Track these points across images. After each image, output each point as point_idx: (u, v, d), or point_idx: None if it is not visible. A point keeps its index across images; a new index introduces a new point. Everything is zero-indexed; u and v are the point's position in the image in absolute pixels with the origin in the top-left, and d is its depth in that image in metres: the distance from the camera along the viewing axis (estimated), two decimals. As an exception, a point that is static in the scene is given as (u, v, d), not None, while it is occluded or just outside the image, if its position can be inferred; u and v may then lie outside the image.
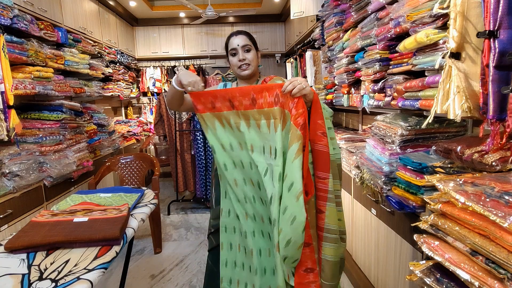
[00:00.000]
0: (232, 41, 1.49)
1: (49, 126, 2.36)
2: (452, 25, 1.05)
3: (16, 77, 2.09)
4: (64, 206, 1.59)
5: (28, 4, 2.37)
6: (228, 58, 1.54)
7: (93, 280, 1.03)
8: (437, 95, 1.10)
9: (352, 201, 2.07)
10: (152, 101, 5.45)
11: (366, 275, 1.92)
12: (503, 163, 0.96)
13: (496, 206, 0.76)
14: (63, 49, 2.77)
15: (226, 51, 1.54)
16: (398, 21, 1.49)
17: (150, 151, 5.12)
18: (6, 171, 1.96)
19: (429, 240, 0.97)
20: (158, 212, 2.69)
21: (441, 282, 0.90)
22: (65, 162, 2.41)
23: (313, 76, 3.18)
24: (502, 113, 0.94)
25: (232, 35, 1.52)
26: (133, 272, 2.38)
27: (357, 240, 2.05)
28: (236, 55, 1.48)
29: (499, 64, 0.91)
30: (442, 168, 1.17)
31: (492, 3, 0.90)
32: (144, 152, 4.29)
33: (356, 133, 2.38)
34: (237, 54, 1.48)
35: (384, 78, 1.75)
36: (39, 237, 1.21)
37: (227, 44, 1.53)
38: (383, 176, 1.48)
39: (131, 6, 4.51)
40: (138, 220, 1.48)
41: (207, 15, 4.13)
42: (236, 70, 1.51)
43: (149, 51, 5.29)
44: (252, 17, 5.19)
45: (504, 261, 0.72)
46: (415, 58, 1.38)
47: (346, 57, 2.18)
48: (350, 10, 2.10)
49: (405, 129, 1.44)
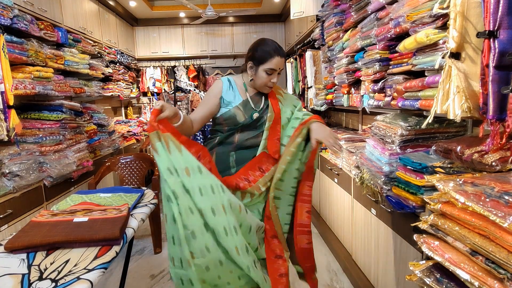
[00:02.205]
0: (275, 61, 1.41)
1: (49, 126, 2.36)
2: (452, 25, 1.05)
3: (16, 77, 2.09)
4: (64, 206, 1.59)
5: (28, 4, 2.37)
6: (257, 68, 1.45)
7: (93, 280, 1.03)
8: (437, 95, 1.10)
9: (352, 201, 2.07)
10: (152, 101, 5.45)
11: (366, 275, 1.92)
12: (503, 163, 0.96)
13: (496, 206, 0.76)
14: (63, 49, 2.77)
15: (257, 60, 1.43)
16: (398, 21, 1.49)
17: (150, 151, 5.12)
18: (6, 171, 1.96)
19: (429, 240, 0.97)
20: (158, 212, 2.68)
21: (441, 282, 0.90)
22: (65, 162, 2.41)
23: (313, 76, 3.18)
24: (502, 113, 0.94)
25: (276, 53, 1.41)
26: (133, 272, 2.38)
27: (357, 240, 2.05)
28: (271, 75, 1.44)
29: (499, 64, 0.91)
30: (442, 168, 1.17)
31: (492, 3, 0.90)
32: (144, 152, 4.29)
33: (356, 133, 2.38)
34: (272, 75, 1.44)
35: (384, 78, 1.75)
36: (39, 237, 1.21)
37: (265, 58, 1.42)
38: (383, 176, 1.48)
39: (131, 6, 4.51)
40: (138, 220, 1.48)
41: (207, 15, 4.14)
42: (262, 86, 1.48)
43: (149, 51, 5.30)
44: (252, 17, 5.19)
45: (504, 261, 0.72)
46: (415, 58, 1.38)
47: (346, 57, 2.19)
48: (350, 10, 2.10)
49: (405, 129, 1.44)
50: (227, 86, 1.51)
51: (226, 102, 1.49)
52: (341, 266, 2.30)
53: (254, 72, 1.47)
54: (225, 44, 5.34)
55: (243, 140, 1.49)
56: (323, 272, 2.27)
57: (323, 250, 2.59)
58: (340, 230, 2.41)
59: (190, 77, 5.27)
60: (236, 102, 1.49)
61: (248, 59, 1.49)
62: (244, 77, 1.55)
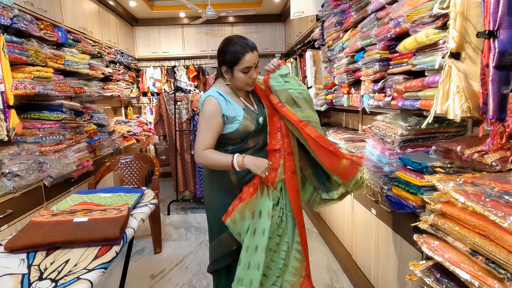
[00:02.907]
0: (247, 59, 1.37)
1: (49, 126, 2.36)
2: (452, 25, 1.05)
3: (16, 77, 2.09)
4: (64, 206, 1.59)
5: (28, 4, 2.37)
6: (232, 70, 1.41)
7: (93, 280, 1.03)
8: (437, 95, 1.10)
9: (352, 201, 2.07)
10: (152, 101, 5.45)
11: (366, 275, 1.92)
12: (503, 163, 0.96)
13: (496, 206, 0.76)
14: (63, 49, 2.77)
15: (230, 63, 1.40)
16: (398, 21, 1.49)
17: (150, 151, 5.12)
18: (6, 171, 1.96)
19: (429, 240, 0.97)
20: (158, 212, 2.69)
21: (441, 282, 0.90)
22: (65, 162, 2.41)
23: (313, 76, 3.18)
24: (502, 113, 0.94)
25: (246, 50, 1.37)
26: (133, 272, 2.38)
27: (357, 240, 2.05)
28: (248, 73, 1.41)
29: (499, 64, 0.91)
30: (442, 168, 1.17)
31: (492, 3, 0.90)
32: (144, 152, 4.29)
33: (356, 133, 2.38)
34: (249, 72, 1.41)
35: (384, 78, 1.75)
36: (39, 237, 1.21)
37: (237, 58, 1.38)
38: (383, 176, 1.48)
39: (131, 6, 4.51)
40: (138, 220, 1.48)
41: (207, 15, 4.13)
42: (243, 85, 1.45)
43: (149, 51, 5.30)
44: (252, 17, 5.19)
45: (504, 261, 0.72)
46: (415, 58, 1.38)
47: (346, 57, 2.18)
48: (350, 10, 2.10)
49: (405, 129, 1.44)
50: (223, 101, 1.45)
51: (231, 118, 1.45)
52: (341, 266, 2.30)
53: (231, 75, 1.43)
54: (225, 44, 5.33)
55: (257, 143, 1.53)
56: (323, 272, 2.27)
57: (323, 250, 2.59)
58: (340, 230, 2.41)
59: (190, 77, 5.27)
60: (239, 113, 1.46)
61: (221, 63, 1.44)
62: (224, 81, 1.51)
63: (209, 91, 1.48)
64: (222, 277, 1.67)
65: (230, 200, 1.49)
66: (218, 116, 1.43)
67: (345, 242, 2.31)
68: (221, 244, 1.58)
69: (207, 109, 1.43)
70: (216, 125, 1.43)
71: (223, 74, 1.47)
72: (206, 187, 1.63)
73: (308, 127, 1.47)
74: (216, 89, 1.48)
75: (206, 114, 1.43)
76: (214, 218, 1.59)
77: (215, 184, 1.58)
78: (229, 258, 1.59)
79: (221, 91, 1.47)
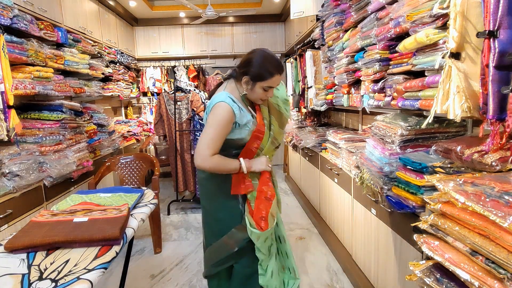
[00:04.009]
0: (274, 80, 1.42)
1: (49, 126, 2.36)
2: (452, 25, 1.05)
3: (16, 77, 2.09)
4: (64, 206, 1.59)
5: (28, 4, 2.37)
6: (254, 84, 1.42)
7: (93, 280, 1.03)
8: (437, 95, 1.10)
9: (352, 201, 2.07)
10: (152, 101, 5.45)
11: (366, 275, 1.92)
12: (503, 163, 0.96)
13: (496, 206, 0.76)
14: (63, 49, 2.77)
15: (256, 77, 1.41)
16: (398, 21, 1.49)
17: (150, 151, 5.12)
18: (6, 171, 1.96)
19: (429, 240, 0.97)
20: (158, 212, 2.69)
21: (441, 282, 0.90)
22: (65, 162, 2.41)
23: (313, 76, 3.18)
24: (502, 113, 0.94)
25: (277, 71, 1.42)
26: (133, 272, 2.38)
27: (357, 240, 2.05)
28: (268, 91, 1.45)
29: (499, 64, 0.91)
30: (442, 168, 1.17)
31: (492, 3, 0.90)
32: (144, 152, 4.29)
33: (356, 133, 2.38)
34: (269, 91, 1.45)
35: (384, 78, 1.75)
36: (39, 237, 1.21)
37: (265, 76, 1.40)
38: (383, 176, 1.48)
39: (131, 6, 4.51)
40: (138, 220, 1.48)
41: (207, 15, 4.13)
42: (257, 100, 1.50)
43: (149, 51, 5.30)
44: (252, 17, 5.19)
45: (504, 261, 0.72)
46: (415, 58, 1.38)
47: (346, 57, 2.18)
48: (350, 10, 2.10)
49: (405, 129, 1.44)
50: (237, 109, 1.43)
51: (242, 125, 1.47)
52: (341, 266, 2.30)
53: (251, 88, 1.44)
54: (225, 44, 5.34)
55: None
56: (323, 272, 2.27)
57: (323, 250, 2.59)
58: (340, 230, 2.41)
59: (190, 77, 5.27)
60: (250, 122, 1.50)
61: (245, 73, 1.43)
62: (238, 87, 1.51)
63: (222, 96, 1.43)
64: (222, 282, 1.67)
65: (231, 203, 1.50)
66: (231, 123, 1.43)
67: (345, 242, 2.31)
68: (222, 247, 1.58)
69: (222, 115, 1.40)
70: (226, 132, 1.44)
71: (241, 81, 1.47)
72: (204, 190, 1.63)
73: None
74: (228, 95, 1.44)
75: (220, 120, 1.40)
76: (215, 221, 1.59)
77: (215, 187, 1.58)
78: (231, 260, 1.60)
79: (233, 97, 1.45)
